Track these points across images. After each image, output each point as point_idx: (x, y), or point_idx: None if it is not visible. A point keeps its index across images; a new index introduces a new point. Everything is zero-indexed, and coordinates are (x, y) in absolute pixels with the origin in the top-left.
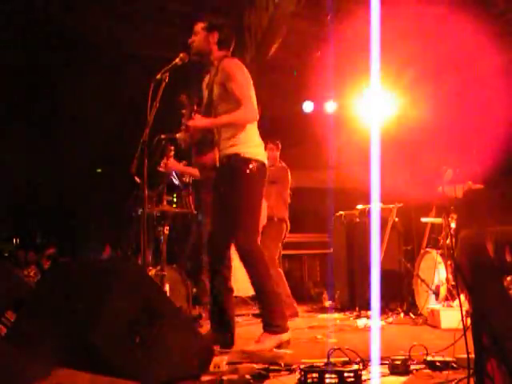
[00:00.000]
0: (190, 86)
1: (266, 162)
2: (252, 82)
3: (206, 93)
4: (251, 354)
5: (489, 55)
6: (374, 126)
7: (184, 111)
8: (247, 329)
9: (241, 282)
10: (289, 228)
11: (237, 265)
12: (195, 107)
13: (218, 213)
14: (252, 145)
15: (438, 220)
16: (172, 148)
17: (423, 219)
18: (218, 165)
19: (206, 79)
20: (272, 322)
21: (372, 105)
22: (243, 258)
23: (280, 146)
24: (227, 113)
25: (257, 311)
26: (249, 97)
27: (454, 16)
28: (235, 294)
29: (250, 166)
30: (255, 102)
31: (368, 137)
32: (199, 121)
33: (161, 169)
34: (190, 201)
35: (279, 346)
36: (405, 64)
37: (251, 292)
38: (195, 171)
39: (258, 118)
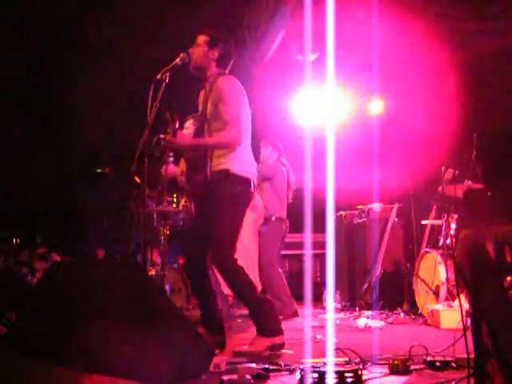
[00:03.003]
0: (172, 100)
1: (254, 181)
2: (246, 101)
3: (200, 108)
4: (243, 354)
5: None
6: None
7: (168, 129)
8: (245, 329)
9: None
10: (288, 227)
11: None
12: (176, 125)
13: (200, 223)
14: (243, 163)
15: (438, 222)
16: (171, 154)
17: (423, 221)
18: (208, 181)
19: (201, 94)
20: (264, 327)
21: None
22: (220, 272)
23: (280, 147)
24: (220, 131)
25: None
26: (235, 120)
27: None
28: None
29: (236, 185)
30: (248, 122)
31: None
32: (180, 140)
33: (162, 173)
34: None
35: (272, 349)
36: (406, 63)
37: None
38: None
39: (240, 142)
